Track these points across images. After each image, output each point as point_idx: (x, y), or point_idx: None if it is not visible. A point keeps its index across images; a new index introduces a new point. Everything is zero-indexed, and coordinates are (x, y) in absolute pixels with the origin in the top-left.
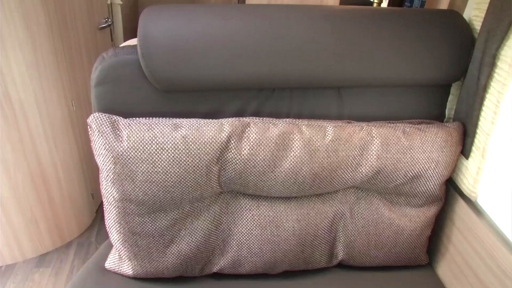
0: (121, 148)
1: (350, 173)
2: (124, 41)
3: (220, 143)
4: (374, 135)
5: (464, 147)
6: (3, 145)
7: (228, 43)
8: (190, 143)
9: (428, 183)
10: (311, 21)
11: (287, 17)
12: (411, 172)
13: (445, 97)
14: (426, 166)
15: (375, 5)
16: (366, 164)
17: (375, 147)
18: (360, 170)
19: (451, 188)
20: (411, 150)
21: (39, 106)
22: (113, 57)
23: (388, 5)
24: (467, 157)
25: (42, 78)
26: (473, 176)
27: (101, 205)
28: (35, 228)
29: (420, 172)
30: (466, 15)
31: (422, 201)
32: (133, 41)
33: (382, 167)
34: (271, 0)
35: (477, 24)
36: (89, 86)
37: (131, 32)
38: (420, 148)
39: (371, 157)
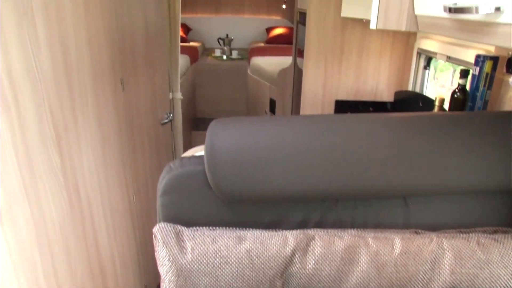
0: (184, 261)
1: None
2: (184, 135)
3: (284, 257)
4: (445, 247)
5: None
6: (67, 237)
7: (292, 156)
8: (255, 257)
9: None
10: (373, 131)
11: (349, 127)
12: None
13: None
14: (510, 284)
15: (436, 108)
16: (439, 279)
17: (447, 261)
18: (432, 286)
19: None
20: (489, 265)
21: (103, 199)
22: (179, 168)
23: (450, 106)
24: None
25: (108, 172)
26: None
27: None
28: None
29: None
30: None
31: None
32: (198, 149)
33: (457, 283)
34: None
35: None
36: (149, 180)
37: (188, 124)
38: (500, 263)
39: (444, 272)
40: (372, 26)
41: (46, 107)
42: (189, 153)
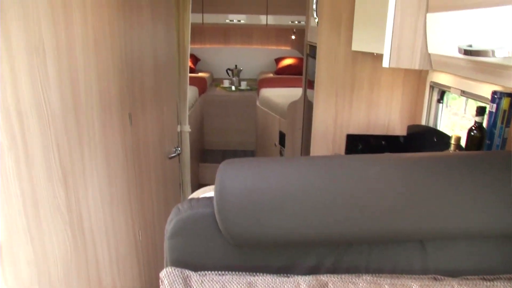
0: None
1: None
2: (191, 168)
3: None
4: None
5: None
6: (70, 277)
7: (304, 198)
8: None
9: None
10: (387, 172)
11: (363, 168)
12: None
13: None
14: None
15: (452, 146)
16: None
17: None
18: None
19: None
20: None
21: (108, 236)
22: (188, 210)
23: (466, 145)
24: None
25: (114, 208)
26: None
27: None
28: None
29: None
30: None
31: None
32: (207, 190)
33: None
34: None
35: None
36: (155, 216)
37: (196, 155)
38: None
39: None
40: (385, 64)
41: (53, 143)
42: (198, 193)
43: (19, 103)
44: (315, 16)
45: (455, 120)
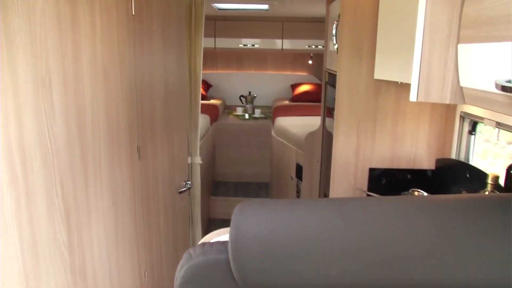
0: None
1: None
2: (201, 201)
3: None
4: None
5: None
6: None
7: (325, 245)
8: None
9: None
10: (417, 217)
11: (389, 212)
12: None
13: None
14: None
15: (489, 186)
16: None
17: None
18: None
19: None
20: None
21: (111, 278)
22: (200, 256)
23: (505, 184)
24: None
25: (119, 247)
26: None
27: None
28: None
29: None
30: None
31: None
32: (220, 233)
33: None
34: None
35: None
36: (163, 255)
37: (207, 188)
38: None
39: None
40: (412, 98)
41: (57, 179)
42: (211, 237)
43: (23, 137)
44: (334, 42)
45: (487, 147)
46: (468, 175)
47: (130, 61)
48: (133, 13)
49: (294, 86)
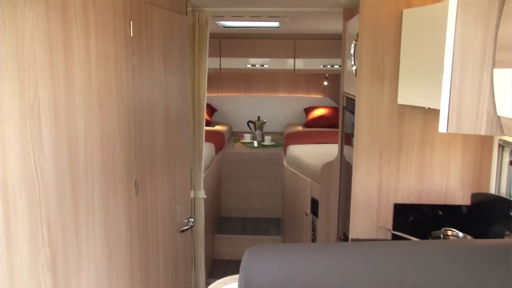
0: None
1: None
2: (205, 239)
3: None
4: None
5: None
6: None
7: None
8: None
9: None
10: (448, 264)
11: (414, 260)
12: None
13: None
14: None
15: None
16: None
17: None
18: None
19: None
20: None
21: None
22: None
23: None
24: None
25: None
26: None
27: None
28: None
29: None
30: None
31: None
32: (228, 281)
33: None
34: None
35: None
36: None
37: (211, 224)
38: None
39: None
40: (442, 129)
41: (43, 219)
42: (217, 286)
43: (6, 175)
44: (353, 63)
45: None
46: (511, 213)
47: (128, 87)
48: (132, 35)
49: (308, 110)
